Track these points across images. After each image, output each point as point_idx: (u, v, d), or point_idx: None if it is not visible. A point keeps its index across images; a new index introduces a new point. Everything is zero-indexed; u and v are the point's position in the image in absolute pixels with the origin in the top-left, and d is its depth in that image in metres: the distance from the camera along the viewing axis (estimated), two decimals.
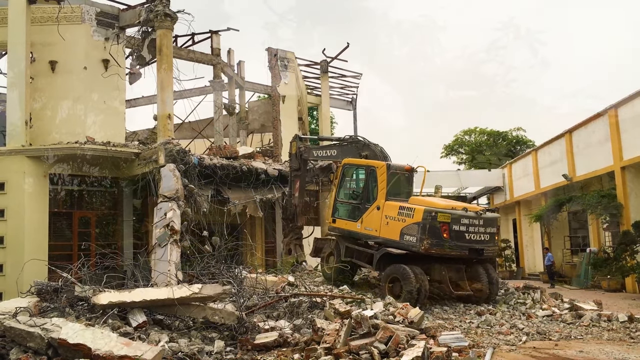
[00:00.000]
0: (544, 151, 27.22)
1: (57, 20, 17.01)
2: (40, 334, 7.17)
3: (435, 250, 11.62)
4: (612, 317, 10.71)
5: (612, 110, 20.17)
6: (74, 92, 17.42)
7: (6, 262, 14.87)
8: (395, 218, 12.22)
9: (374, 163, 13.32)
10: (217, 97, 23.81)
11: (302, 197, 16.47)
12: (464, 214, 11.90)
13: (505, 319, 10.80)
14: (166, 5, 16.14)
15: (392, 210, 12.36)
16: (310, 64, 28.36)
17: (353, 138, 15.15)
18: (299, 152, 16.05)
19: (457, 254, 11.91)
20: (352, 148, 14.74)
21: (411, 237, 11.74)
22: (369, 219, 12.93)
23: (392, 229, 12.23)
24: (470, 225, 11.93)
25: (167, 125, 15.94)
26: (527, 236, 30.96)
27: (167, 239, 13.57)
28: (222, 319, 8.45)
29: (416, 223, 11.68)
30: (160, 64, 16.10)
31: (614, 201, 19.88)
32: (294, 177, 16.38)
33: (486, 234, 12.15)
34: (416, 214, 11.77)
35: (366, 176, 13.48)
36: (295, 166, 16.31)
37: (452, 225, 11.68)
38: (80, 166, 16.25)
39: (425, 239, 11.48)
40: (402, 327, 8.15)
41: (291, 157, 16.50)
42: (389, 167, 12.86)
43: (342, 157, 14.97)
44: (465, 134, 47.57)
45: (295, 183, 16.32)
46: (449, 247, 11.69)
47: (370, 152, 14.19)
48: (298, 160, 16.15)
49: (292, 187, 16.48)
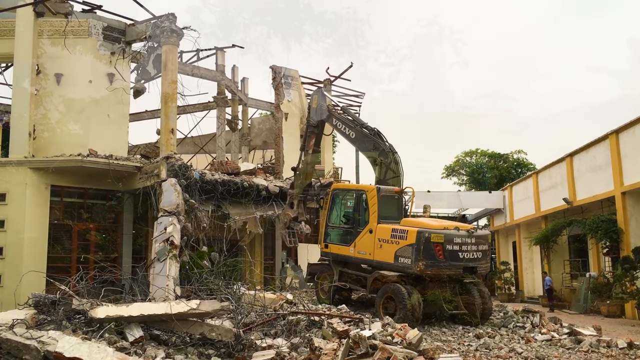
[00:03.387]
0: (545, 174, 27.25)
1: (64, 33, 17.19)
2: (37, 347, 7.13)
3: (430, 270, 11.68)
4: (612, 343, 10.64)
5: (613, 135, 20.24)
6: (79, 104, 17.55)
7: (4, 273, 14.85)
8: (389, 241, 12.27)
9: (364, 187, 13.39)
10: (220, 112, 23.96)
11: (315, 153, 16.03)
12: (457, 233, 11.98)
13: (503, 342, 10.73)
14: (172, 21, 16.33)
15: (385, 233, 12.40)
16: (313, 82, 28.53)
17: (377, 132, 14.23)
18: (322, 108, 15.41)
19: (453, 273, 11.98)
20: (369, 142, 14.10)
21: (406, 259, 11.79)
22: (362, 243, 12.98)
23: (386, 252, 12.27)
24: (463, 244, 12.01)
25: (169, 139, 16.02)
26: (527, 259, 30.85)
27: (166, 254, 13.55)
28: (219, 335, 8.40)
29: (410, 245, 11.75)
30: (165, 79, 16.25)
31: (614, 226, 19.86)
32: (311, 133, 15.89)
33: (478, 252, 12.25)
34: (409, 236, 11.82)
35: (356, 200, 13.48)
36: (314, 122, 15.74)
37: (446, 245, 11.75)
38: (82, 178, 16.29)
39: (420, 261, 11.54)
40: (400, 348, 8.09)
41: (310, 110, 15.88)
42: (379, 190, 12.87)
43: (358, 143, 14.65)
44: (466, 155, 47.63)
45: (311, 139, 15.91)
46: (444, 267, 11.75)
47: (385, 159, 13.64)
48: (318, 116, 15.54)
49: (307, 142, 16.03)
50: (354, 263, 13.46)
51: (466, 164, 47.43)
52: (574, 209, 23.74)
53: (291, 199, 16.79)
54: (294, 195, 16.69)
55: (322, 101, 15.57)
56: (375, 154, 13.87)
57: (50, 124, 17.27)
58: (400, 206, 13.43)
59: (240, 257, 18.24)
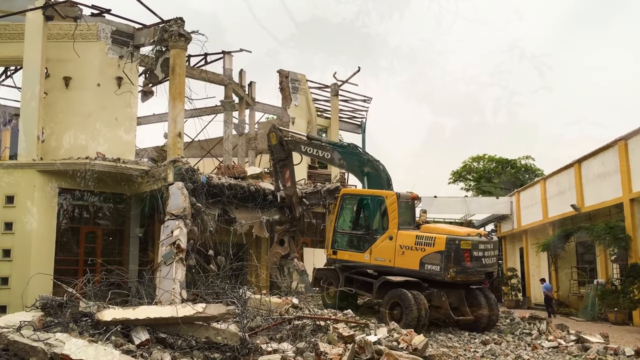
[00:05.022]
0: (553, 180, 27.14)
1: (73, 37, 17.29)
2: (44, 349, 7.16)
3: (460, 277, 11.76)
4: (619, 350, 10.55)
5: (621, 142, 20.14)
6: (87, 108, 17.64)
7: (12, 275, 14.92)
8: (413, 247, 12.18)
9: (382, 193, 13.14)
10: (227, 117, 24.01)
11: (294, 186, 16.07)
12: (481, 240, 12.16)
13: (510, 349, 10.67)
14: (181, 25, 16.41)
15: (408, 240, 12.30)
16: (320, 87, 28.58)
17: (354, 148, 14.52)
18: (283, 142, 15.61)
19: (477, 279, 12.21)
20: (353, 158, 14.22)
21: (434, 266, 11.78)
22: (380, 250, 12.78)
23: (410, 259, 12.17)
24: (485, 250, 12.20)
25: (177, 143, 16.07)
26: (534, 265, 30.70)
27: (172, 257, 13.57)
28: (225, 339, 8.40)
29: (439, 252, 11.74)
30: (173, 82, 16.31)
31: (622, 233, 19.75)
32: (282, 168, 15.95)
33: (493, 257, 12.50)
34: (438, 243, 11.81)
35: (373, 206, 13.28)
36: (280, 156, 15.84)
37: (473, 252, 11.86)
38: (90, 182, 16.36)
39: (450, 267, 11.59)
40: (406, 354, 8.07)
41: (273, 148, 15.99)
42: (399, 196, 12.79)
43: (337, 163, 14.63)
44: (473, 161, 47.54)
45: (285, 173, 15.91)
46: (470, 273, 11.91)
47: (372, 169, 13.69)
48: (284, 149, 15.68)
49: (281, 177, 16.05)
50: (370, 269, 13.05)
51: (473, 169, 47.33)
52: (582, 215, 23.62)
53: (280, 235, 16.57)
54: (282, 231, 16.50)
55: (279, 135, 15.74)
56: (364, 170, 13.85)
57: (58, 127, 17.37)
58: (414, 212, 13.43)
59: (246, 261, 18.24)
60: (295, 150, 15.79)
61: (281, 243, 16.61)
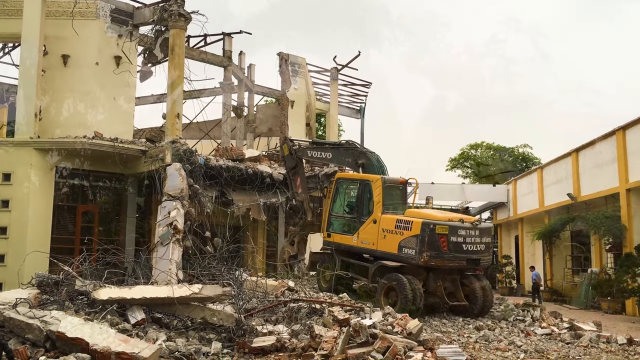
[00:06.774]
0: (550, 169, 27.16)
1: (72, 14, 17.12)
2: (39, 326, 7.19)
3: (434, 262, 11.72)
4: (611, 338, 10.64)
5: (619, 132, 20.13)
6: (85, 86, 17.52)
7: (8, 252, 14.92)
8: (393, 231, 12.28)
9: (369, 177, 13.34)
10: (226, 98, 23.91)
11: (306, 192, 16.49)
12: (461, 225, 12.02)
13: (503, 335, 10.75)
14: (181, 5, 16.24)
15: (389, 224, 12.41)
16: (320, 71, 28.42)
17: (350, 144, 15.13)
18: (293, 151, 16.16)
19: (456, 265, 12.02)
20: (348, 154, 14.71)
21: (410, 249, 11.82)
22: (366, 233, 12.99)
23: (390, 242, 12.29)
24: (467, 236, 12.05)
25: (175, 124, 16.00)
26: (529, 253, 30.82)
27: (169, 238, 13.59)
28: (220, 320, 8.45)
29: (415, 236, 11.77)
30: (172, 63, 16.18)
31: (618, 223, 19.81)
32: (294, 175, 16.42)
33: (482, 244, 12.28)
34: (414, 227, 11.84)
35: (361, 190, 13.50)
36: (292, 165, 16.35)
37: (450, 237, 11.78)
38: (87, 161, 16.30)
39: (424, 251, 11.58)
40: (400, 337, 8.13)
41: (285, 158, 16.60)
42: (384, 180, 12.91)
43: (336, 161, 15.25)
44: (471, 148, 47.49)
45: (296, 180, 16.36)
46: (447, 259, 11.78)
47: (366, 160, 14.13)
48: (294, 158, 16.23)
49: (294, 185, 16.47)
50: (357, 252, 13.47)
51: (471, 157, 47.30)
52: (578, 204, 23.68)
53: (292, 236, 17.00)
54: (294, 233, 16.90)
55: (291, 145, 16.32)
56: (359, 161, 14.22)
57: (56, 106, 17.26)
58: (405, 197, 13.47)
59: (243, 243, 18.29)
60: (303, 157, 16.45)
61: (291, 243, 16.97)
